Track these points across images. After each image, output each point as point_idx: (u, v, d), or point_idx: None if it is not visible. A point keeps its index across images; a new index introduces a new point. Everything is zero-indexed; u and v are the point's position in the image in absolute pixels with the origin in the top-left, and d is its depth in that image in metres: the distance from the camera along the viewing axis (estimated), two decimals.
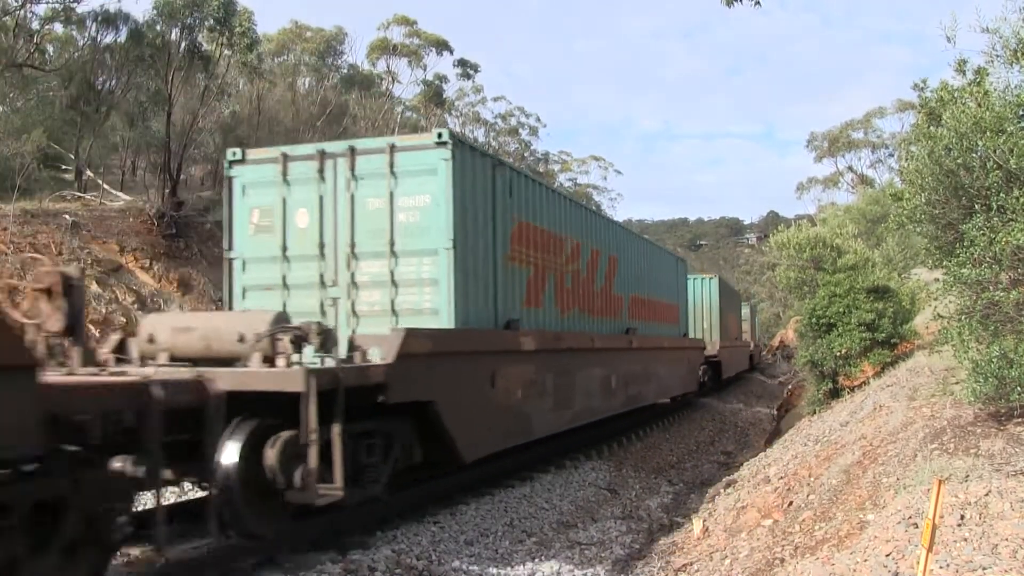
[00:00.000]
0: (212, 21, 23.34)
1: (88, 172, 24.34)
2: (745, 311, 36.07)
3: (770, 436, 17.33)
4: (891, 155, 51.71)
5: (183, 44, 23.14)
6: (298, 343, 6.76)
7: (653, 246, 19.54)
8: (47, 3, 21.10)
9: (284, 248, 9.38)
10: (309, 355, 6.95)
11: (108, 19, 23.15)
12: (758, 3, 7.80)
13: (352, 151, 9.16)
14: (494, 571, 7.38)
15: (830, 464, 8.73)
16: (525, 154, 60.29)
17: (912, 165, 8.90)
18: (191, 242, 22.36)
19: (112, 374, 5.81)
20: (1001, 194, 7.22)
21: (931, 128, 8.69)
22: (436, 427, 8.15)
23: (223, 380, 5.90)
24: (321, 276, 9.23)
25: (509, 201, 10.26)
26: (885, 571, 4.65)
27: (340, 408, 6.51)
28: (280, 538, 6.79)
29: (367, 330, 8.45)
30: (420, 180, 8.87)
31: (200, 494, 6.57)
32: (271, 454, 6.25)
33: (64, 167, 25.18)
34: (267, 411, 6.33)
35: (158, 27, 23.10)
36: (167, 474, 5.51)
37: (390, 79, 44.44)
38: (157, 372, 5.95)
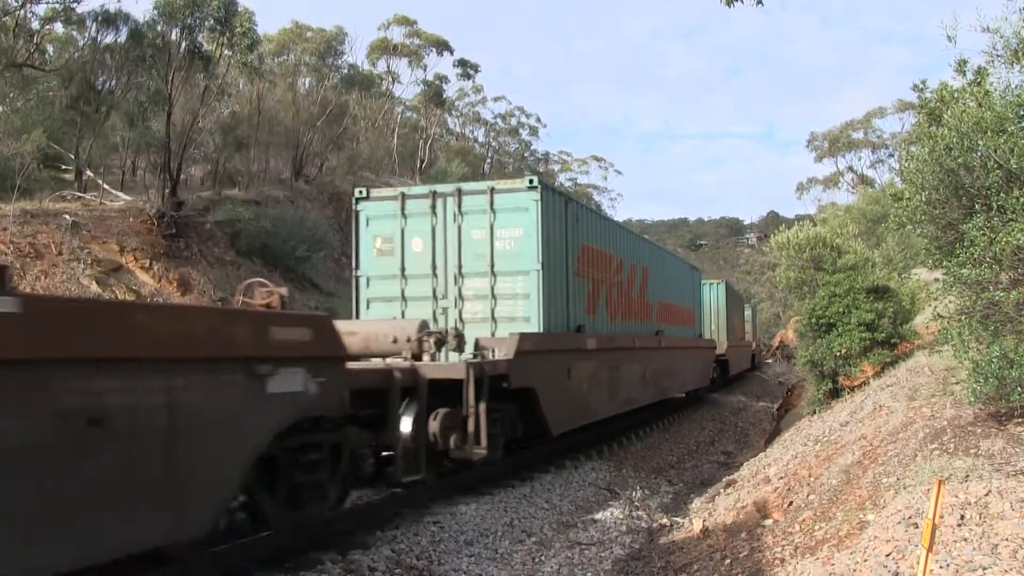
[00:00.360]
0: (212, 21, 23.31)
1: (88, 172, 24.32)
2: (747, 312, 37.51)
3: (770, 436, 17.32)
4: (891, 155, 51.79)
5: (183, 44, 23.11)
6: (439, 344, 8.93)
7: (674, 257, 22.20)
8: (47, 3, 21.09)
9: (403, 268, 11.55)
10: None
11: (108, 19, 23.13)
12: (760, 2, 7.78)
13: (459, 192, 11.39)
14: (494, 571, 7.38)
15: (830, 464, 8.73)
16: (525, 154, 60.31)
17: (912, 165, 8.90)
18: (191, 242, 22.37)
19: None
20: (1001, 194, 7.22)
21: (932, 128, 8.70)
22: (534, 408, 10.49)
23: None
24: (434, 290, 11.41)
25: (576, 228, 12.49)
26: (885, 571, 4.65)
27: (486, 391, 8.86)
28: (433, 487, 9.19)
29: (471, 334, 10.34)
30: (515, 216, 11.11)
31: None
32: (434, 424, 8.31)
33: (64, 167, 25.17)
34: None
35: (158, 27, 23.07)
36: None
37: (390, 79, 44.54)
38: (391, 363, 8.41)
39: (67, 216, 19.63)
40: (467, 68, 48.03)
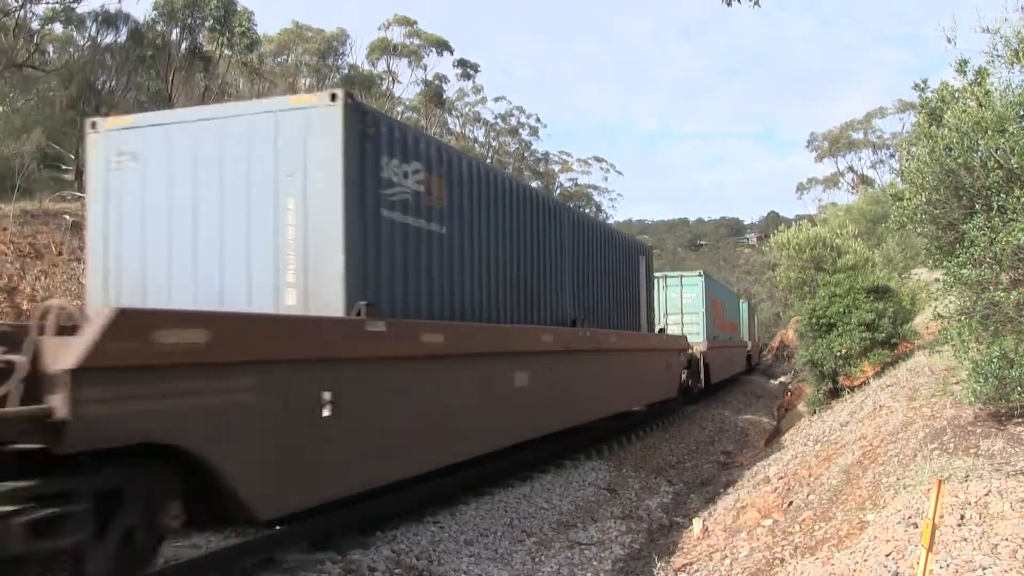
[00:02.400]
0: (212, 21, 23.33)
1: None
2: (756, 318, 47.32)
3: (770, 436, 17.33)
4: (892, 155, 51.79)
5: (183, 44, 23.14)
6: None
7: (732, 293, 36.25)
8: (47, 3, 21.11)
9: None
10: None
11: (108, 19, 23.14)
12: (757, 3, 7.79)
13: (666, 277, 23.88)
14: (494, 571, 7.37)
15: (830, 464, 8.74)
16: (525, 154, 60.23)
17: (913, 165, 8.89)
18: None
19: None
20: (1002, 194, 7.21)
21: (932, 128, 8.69)
22: (709, 370, 23.46)
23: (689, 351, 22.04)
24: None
25: (710, 289, 25.03)
26: (885, 571, 4.65)
27: (702, 361, 22.95)
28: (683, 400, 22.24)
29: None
30: (691, 287, 23.94)
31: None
32: (684, 375, 20.45)
33: (64, 167, 25.15)
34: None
35: (158, 27, 23.09)
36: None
37: (390, 79, 44.47)
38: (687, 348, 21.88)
39: (67, 216, 19.61)
40: (467, 68, 48.03)
